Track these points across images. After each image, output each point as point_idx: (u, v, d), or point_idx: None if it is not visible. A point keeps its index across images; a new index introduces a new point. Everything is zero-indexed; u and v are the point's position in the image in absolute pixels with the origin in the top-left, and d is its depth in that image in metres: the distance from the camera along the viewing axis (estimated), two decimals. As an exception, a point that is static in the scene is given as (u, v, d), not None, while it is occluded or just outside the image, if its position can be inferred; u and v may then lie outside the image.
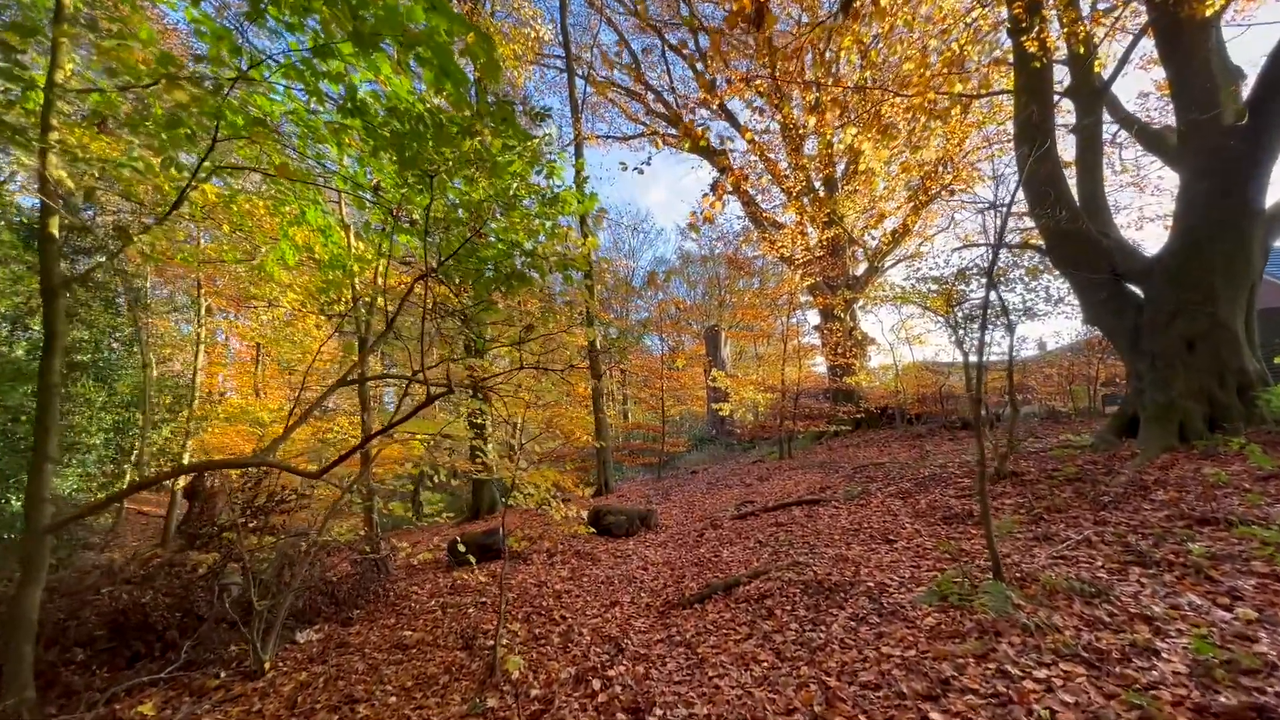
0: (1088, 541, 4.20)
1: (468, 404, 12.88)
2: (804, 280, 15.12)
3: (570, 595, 5.38)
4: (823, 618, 3.81)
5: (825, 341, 16.97)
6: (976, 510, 5.51)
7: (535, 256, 4.60)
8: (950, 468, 7.75)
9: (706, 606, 4.53)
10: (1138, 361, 6.66)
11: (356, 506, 6.98)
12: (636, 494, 12.38)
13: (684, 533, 7.65)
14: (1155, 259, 6.81)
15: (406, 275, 8.68)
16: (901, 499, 6.61)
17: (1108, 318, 7.22)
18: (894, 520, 5.83)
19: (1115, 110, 8.64)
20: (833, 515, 6.59)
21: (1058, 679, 2.57)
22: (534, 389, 8.07)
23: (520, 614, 4.92)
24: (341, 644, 4.85)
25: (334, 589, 5.86)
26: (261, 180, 5.42)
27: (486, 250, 4.58)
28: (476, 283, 4.69)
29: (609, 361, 20.24)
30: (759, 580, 4.75)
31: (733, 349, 29.41)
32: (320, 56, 3.09)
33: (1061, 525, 4.66)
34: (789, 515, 7.06)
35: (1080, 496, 5.22)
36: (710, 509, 8.98)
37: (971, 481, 6.65)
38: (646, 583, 5.60)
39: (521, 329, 4.63)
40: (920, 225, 17.18)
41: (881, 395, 16.54)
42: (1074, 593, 3.35)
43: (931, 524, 5.47)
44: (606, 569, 6.29)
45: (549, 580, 5.94)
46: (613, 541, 7.66)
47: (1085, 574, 3.64)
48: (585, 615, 4.74)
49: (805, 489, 8.66)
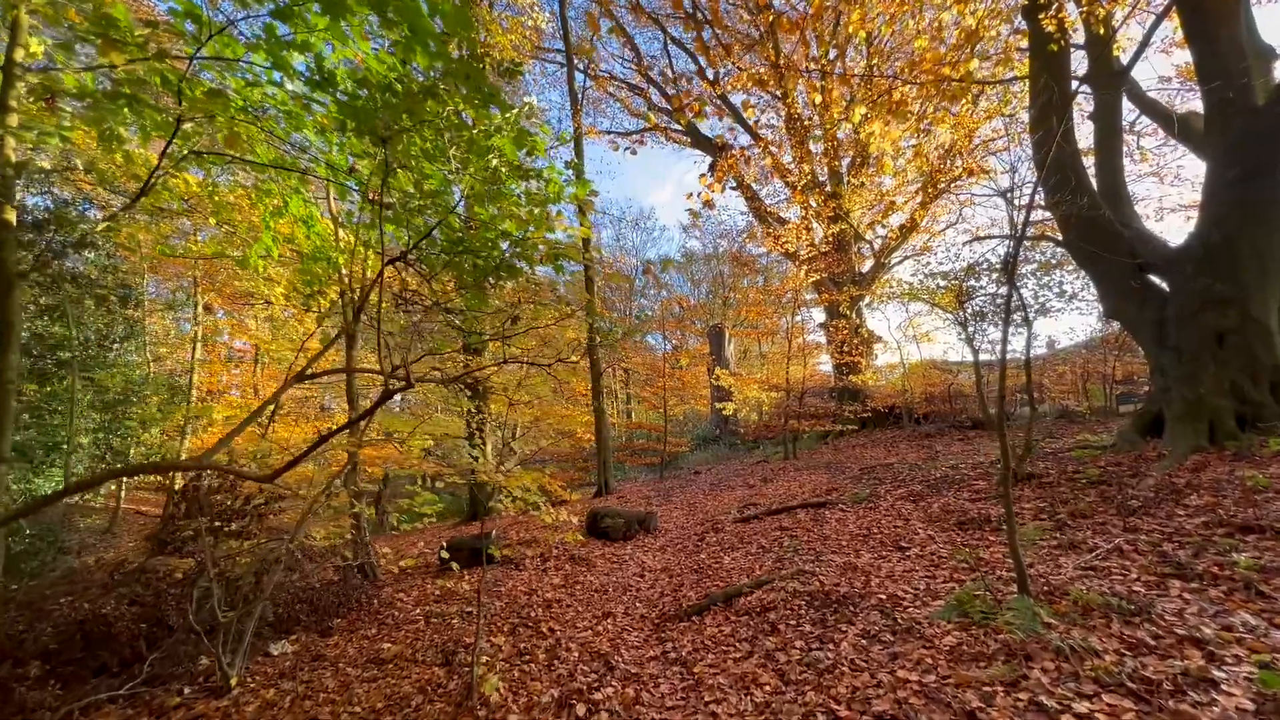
0: (1119, 551, 3.87)
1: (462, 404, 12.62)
2: (809, 277, 14.77)
3: (561, 605, 5.07)
4: (831, 634, 3.49)
5: (831, 339, 16.62)
6: (994, 515, 5.17)
7: (526, 245, 4.31)
8: (963, 469, 7.41)
9: (705, 619, 4.22)
10: (1162, 357, 6.30)
11: (342, 509, 6.69)
12: (637, 495, 12.07)
13: (684, 536, 7.33)
14: (1181, 249, 6.45)
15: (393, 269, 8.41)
16: (913, 502, 6.28)
17: (1130, 311, 6.86)
18: (905, 525, 5.50)
19: (1135, 96, 8.28)
20: (840, 519, 6.27)
21: (1102, 714, 2.25)
22: (526, 386, 7.77)
23: (506, 625, 4.62)
24: (317, 656, 4.55)
25: (314, 596, 5.57)
26: (247, 173, 5.14)
27: (473, 240, 4.30)
28: (460, 273, 4.40)
29: (608, 358, 19.94)
30: (762, 590, 4.43)
31: (737, 348, 29.11)
32: (282, 19, 2.80)
33: (1088, 532, 4.32)
34: (794, 519, 6.73)
35: (1106, 501, 4.88)
36: (712, 511, 8.66)
37: (986, 484, 6.31)
38: (643, 591, 5.29)
39: (506, 321, 4.33)
40: (928, 221, 16.82)
41: (888, 394, 16.19)
42: (1111, 610, 3.01)
43: (945, 529, 5.14)
44: (601, 576, 5.98)
45: (540, 588, 5.63)
46: (610, 545, 7.35)
47: (1120, 588, 3.31)
48: (575, 628, 4.43)
49: (811, 491, 8.33)
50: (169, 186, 4.85)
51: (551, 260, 4.41)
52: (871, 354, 17.39)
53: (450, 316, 5.52)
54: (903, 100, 5.02)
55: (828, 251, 15.40)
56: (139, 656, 4.56)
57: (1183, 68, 8.35)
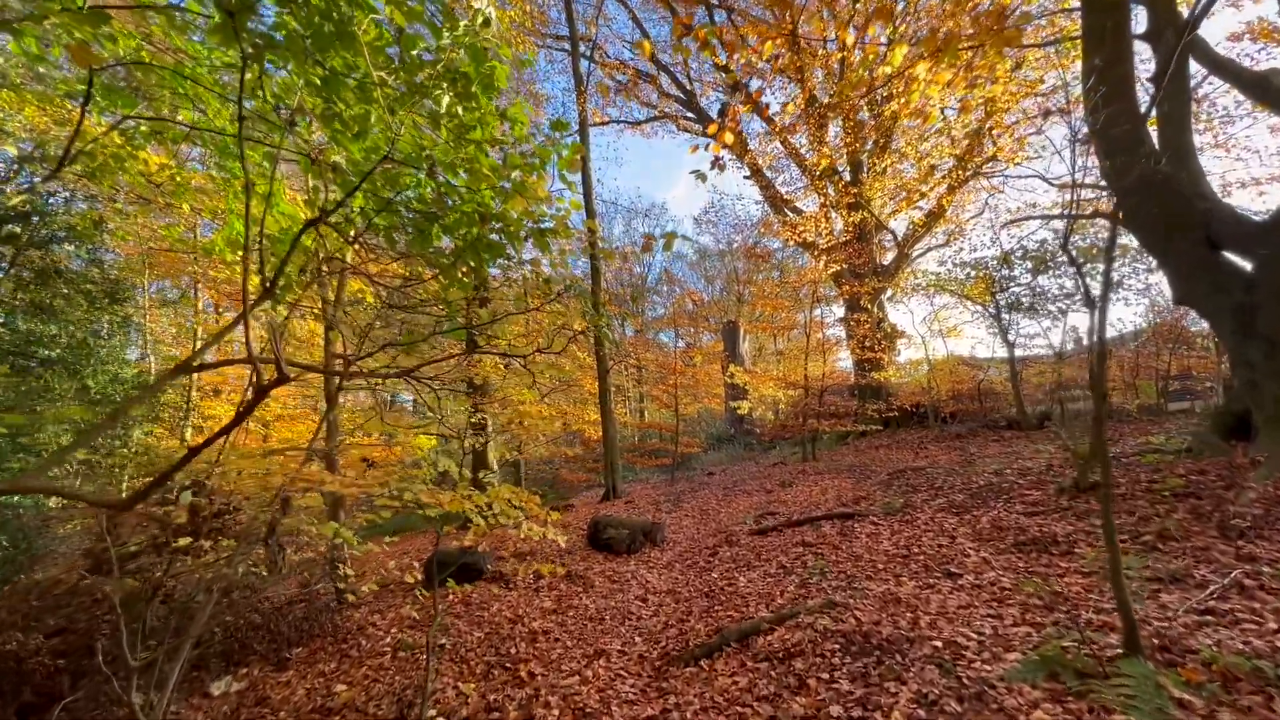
0: (1239, 587, 3.06)
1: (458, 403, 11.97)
2: (828, 268, 13.92)
3: (549, 638, 4.36)
4: (875, 696, 2.73)
5: (851, 334, 15.71)
6: (1059, 533, 4.37)
7: (507, 220, 3.61)
8: (1008, 475, 6.58)
9: (716, 664, 3.48)
10: (1248, 348, 5.42)
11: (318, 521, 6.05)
12: (646, 499, 11.34)
13: (694, 550, 6.59)
14: (1271, 222, 5.56)
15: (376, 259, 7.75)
16: (956, 515, 5.48)
17: (1205, 295, 5.96)
18: (951, 544, 4.71)
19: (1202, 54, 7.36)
20: (872, 534, 5.48)
21: None
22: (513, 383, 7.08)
23: (480, 665, 3.91)
24: (261, 700, 3.90)
25: (273, 621, 4.93)
26: (210, 156, 4.50)
27: (450, 215, 3.62)
28: (422, 245, 3.70)
29: (614, 354, 19.23)
30: (785, 628, 3.68)
31: (752, 345, 28.27)
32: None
33: (1188, 559, 3.51)
34: (818, 532, 5.96)
35: (1200, 519, 4.05)
36: (725, 520, 7.90)
37: (1041, 495, 5.49)
38: (644, 620, 4.56)
39: (474, 299, 3.63)
40: (955, 210, 15.83)
41: (912, 392, 15.27)
42: (1265, 680, 2.23)
43: (1002, 551, 4.34)
44: (599, 599, 5.26)
45: (528, 613, 4.93)
46: (612, 560, 6.63)
47: (1260, 643, 2.52)
48: (561, 671, 3.72)
49: (835, 498, 7.53)
50: (123, 165, 4.23)
51: (537, 236, 3.70)
52: (894, 349, 16.47)
53: (424, 305, 4.84)
54: (952, 35, 4.25)
55: (848, 241, 14.54)
56: (59, 695, 3.96)
57: (1255, 23, 7.42)
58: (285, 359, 2.52)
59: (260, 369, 2.22)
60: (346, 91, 2.57)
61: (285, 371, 1.96)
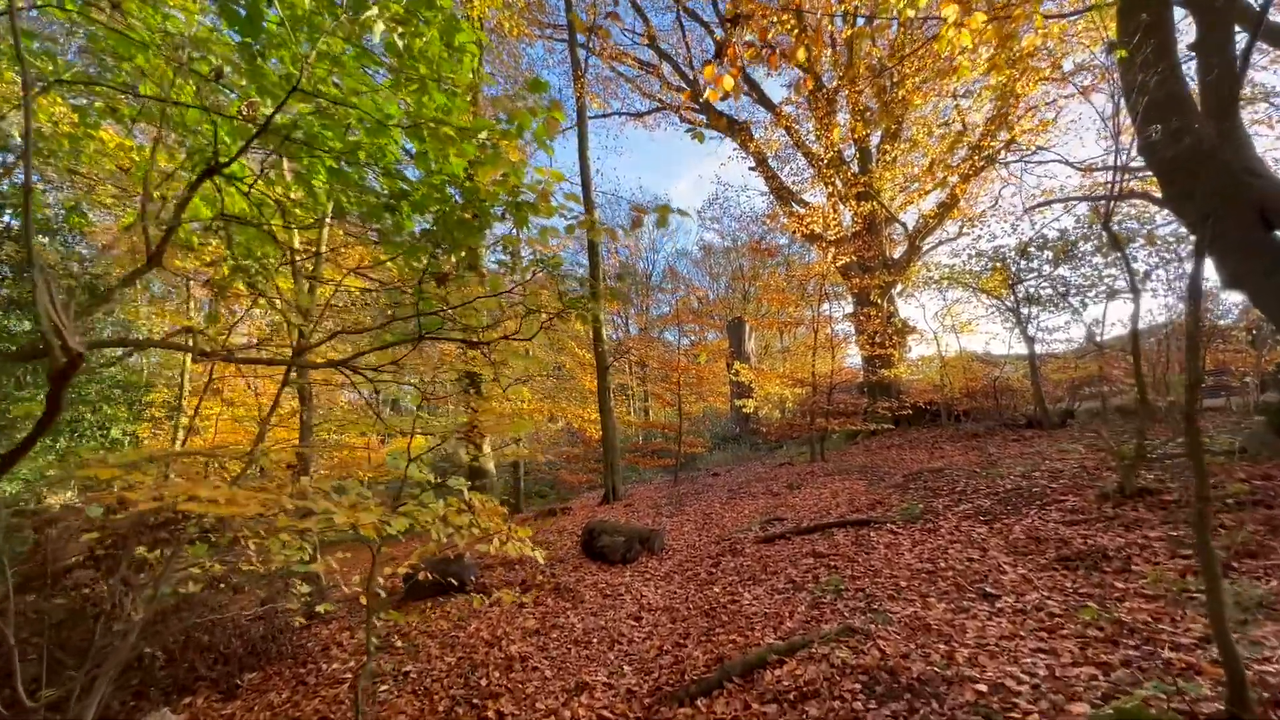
0: (1350, 619, 2.52)
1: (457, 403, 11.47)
2: (835, 261, 13.36)
3: (526, 665, 3.85)
4: (910, 758, 2.21)
5: (860, 330, 15.13)
6: (1108, 546, 3.82)
7: (478, 194, 3.13)
8: (1037, 478, 6.02)
9: (715, 704, 2.96)
10: (1311, 336, 4.87)
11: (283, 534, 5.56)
12: (646, 502, 10.83)
13: (695, 559, 6.07)
14: (1335, 197, 5.00)
15: (356, 242, 7.29)
16: (984, 524, 4.93)
17: (1257, 279, 5.41)
18: (983, 558, 4.17)
19: (1247, 19, 6.77)
20: (891, 545, 4.94)
21: None
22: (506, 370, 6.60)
23: (442, 701, 3.41)
24: (198, 738, 3.41)
25: (223, 643, 4.44)
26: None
27: (419, 190, 3.14)
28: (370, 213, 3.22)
29: (614, 351, 18.74)
30: (796, 660, 3.16)
31: (758, 342, 27.68)
32: None
33: (1274, 581, 2.97)
34: (830, 541, 5.42)
35: (1277, 532, 3.51)
36: (729, 525, 7.38)
37: (1080, 500, 4.94)
38: (636, 644, 4.04)
39: (429, 275, 3.14)
40: (966, 202, 15.22)
41: (924, 389, 14.68)
42: None
43: (1043, 567, 3.81)
44: (587, 617, 4.75)
45: (507, 634, 4.43)
46: (606, 570, 6.12)
47: (1404, 699, 1.98)
48: (535, 710, 3.21)
49: (847, 503, 6.99)
50: (75, 145, 3.76)
51: (514, 211, 3.20)
52: (905, 346, 15.88)
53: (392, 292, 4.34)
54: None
55: (857, 233, 13.98)
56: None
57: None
58: (230, 348, 2.04)
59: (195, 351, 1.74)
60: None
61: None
